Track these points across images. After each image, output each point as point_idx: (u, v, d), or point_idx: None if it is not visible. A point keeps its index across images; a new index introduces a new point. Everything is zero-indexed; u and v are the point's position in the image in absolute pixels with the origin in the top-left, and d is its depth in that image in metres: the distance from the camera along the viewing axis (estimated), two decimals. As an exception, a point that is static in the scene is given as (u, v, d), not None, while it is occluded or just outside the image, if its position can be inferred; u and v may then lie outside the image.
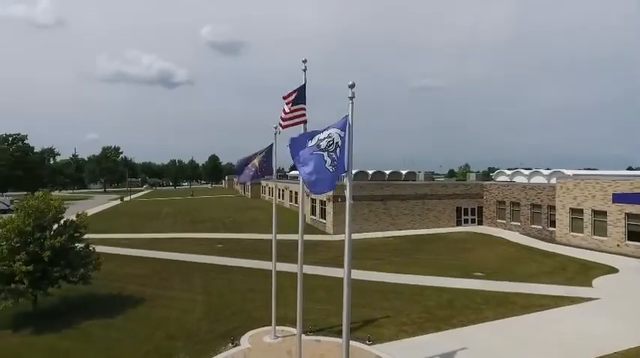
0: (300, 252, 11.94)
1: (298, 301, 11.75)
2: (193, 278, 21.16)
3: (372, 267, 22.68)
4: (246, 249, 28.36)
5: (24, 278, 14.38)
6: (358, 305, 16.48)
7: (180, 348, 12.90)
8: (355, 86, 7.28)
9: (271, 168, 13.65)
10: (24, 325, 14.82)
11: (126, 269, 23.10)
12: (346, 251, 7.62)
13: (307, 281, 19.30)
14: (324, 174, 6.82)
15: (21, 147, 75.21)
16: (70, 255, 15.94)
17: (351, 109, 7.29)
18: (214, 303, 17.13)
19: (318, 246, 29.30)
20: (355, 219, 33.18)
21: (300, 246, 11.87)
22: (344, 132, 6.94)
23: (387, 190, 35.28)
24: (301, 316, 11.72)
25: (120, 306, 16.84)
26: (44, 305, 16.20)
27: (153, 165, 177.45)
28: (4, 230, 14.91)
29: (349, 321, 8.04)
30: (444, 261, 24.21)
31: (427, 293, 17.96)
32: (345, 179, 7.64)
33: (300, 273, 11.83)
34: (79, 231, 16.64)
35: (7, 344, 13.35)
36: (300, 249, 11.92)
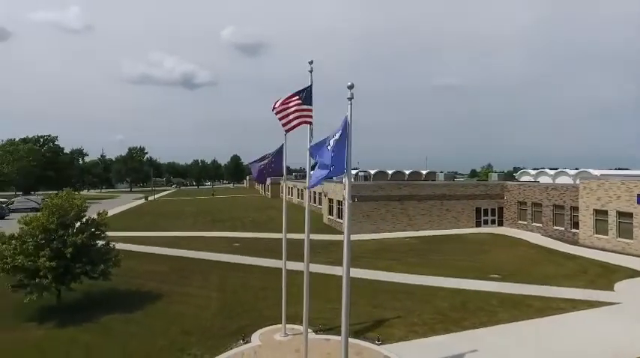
0: (306, 251, 12.14)
1: (305, 300, 11.91)
2: (210, 275, 21.62)
3: (386, 267, 22.64)
4: (262, 247, 28.72)
5: (48, 273, 15.06)
6: (369, 304, 16.58)
7: (193, 343, 13.26)
8: (354, 87, 7.38)
9: (280, 168, 13.88)
10: (48, 318, 15.51)
11: (146, 266, 23.79)
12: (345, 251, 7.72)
13: (321, 281, 19.61)
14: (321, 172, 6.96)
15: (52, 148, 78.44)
16: (91, 252, 16.59)
17: (350, 110, 7.39)
18: (228, 300, 17.49)
19: (333, 245, 29.37)
20: (372, 219, 33.19)
21: (307, 244, 12.06)
22: (343, 134, 7.05)
23: (404, 190, 35.06)
24: (307, 315, 11.90)
25: (139, 302, 17.39)
26: (68, 300, 16.90)
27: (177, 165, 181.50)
28: (30, 227, 15.67)
29: (348, 320, 8.16)
30: (461, 262, 23.91)
31: (441, 294, 17.82)
32: (344, 178, 7.74)
33: (306, 272, 12.04)
34: (99, 229, 17.28)
35: (31, 336, 14.02)
36: (306, 248, 12.12)
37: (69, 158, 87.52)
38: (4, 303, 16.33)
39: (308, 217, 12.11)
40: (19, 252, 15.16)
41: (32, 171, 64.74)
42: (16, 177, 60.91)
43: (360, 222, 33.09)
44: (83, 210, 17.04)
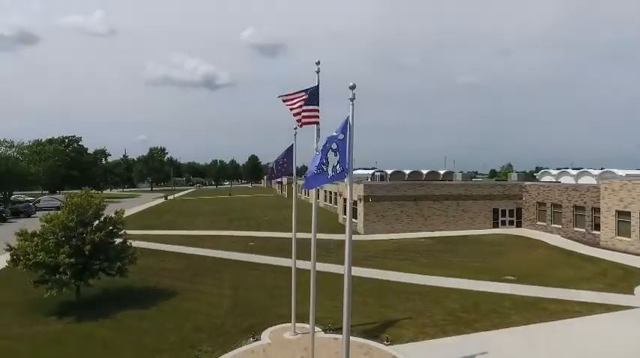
0: (313, 250, 12.22)
1: (311, 299, 12.00)
2: (224, 274, 21.95)
3: (399, 267, 22.53)
4: (276, 247, 28.93)
5: (67, 269, 15.59)
6: (380, 305, 16.56)
7: (204, 340, 13.51)
8: (356, 87, 7.42)
9: (290, 168, 14.02)
10: (68, 313, 16.05)
11: (163, 264, 24.32)
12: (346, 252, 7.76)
13: (331, 281, 19.67)
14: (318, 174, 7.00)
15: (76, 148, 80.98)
16: (109, 250, 17.09)
17: (351, 111, 7.43)
18: (241, 299, 17.73)
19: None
20: (387, 219, 33.04)
21: (313, 244, 12.16)
22: (343, 135, 7.09)
23: (419, 190, 34.75)
24: (314, 314, 11.99)
25: (154, 299, 17.82)
26: (86, 296, 17.45)
27: (197, 165, 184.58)
28: (50, 225, 16.25)
29: (349, 319, 8.18)
30: (475, 263, 23.58)
31: (453, 295, 17.64)
32: (346, 179, 7.80)
33: (313, 270, 12.13)
34: (117, 227, 17.78)
35: (51, 330, 14.54)
36: (313, 247, 12.20)
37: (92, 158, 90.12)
38: (26, 298, 16.96)
39: (315, 215, 12.20)
40: (40, 248, 15.73)
41: (57, 171, 67.00)
42: (43, 177, 63.08)
43: (375, 222, 32.99)
44: (101, 209, 17.56)
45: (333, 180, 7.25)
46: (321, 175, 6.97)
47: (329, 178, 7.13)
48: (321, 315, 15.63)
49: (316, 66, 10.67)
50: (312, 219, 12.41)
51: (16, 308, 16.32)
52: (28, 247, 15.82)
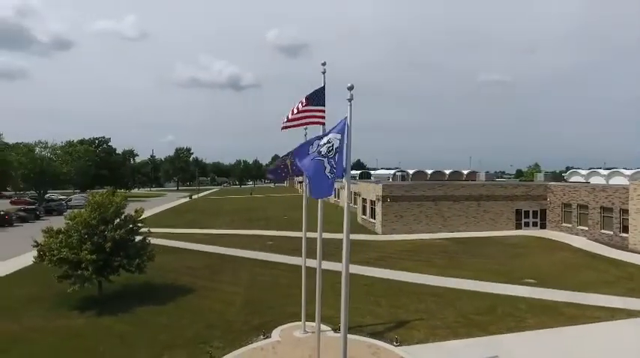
0: (318, 248, 12.30)
1: (317, 299, 12.10)
2: (241, 272, 22.32)
3: (414, 268, 22.33)
4: (294, 246, 29.08)
5: (89, 265, 16.24)
6: (392, 305, 16.48)
7: (216, 336, 13.81)
8: (354, 88, 7.46)
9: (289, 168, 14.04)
10: (89, 308, 16.71)
11: (182, 261, 24.93)
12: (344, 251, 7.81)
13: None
14: (324, 181, 7.08)
15: (105, 148, 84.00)
16: (129, 247, 17.68)
17: (349, 111, 7.47)
18: (255, 297, 18.00)
19: (364, 245, 29.35)
20: (405, 220, 32.75)
21: (319, 243, 12.23)
22: (341, 135, 7.15)
23: (439, 190, 34.27)
24: (320, 313, 12.10)
25: (172, 295, 18.31)
26: (107, 291, 18.10)
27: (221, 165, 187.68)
28: (74, 223, 16.97)
29: (347, 318, 8.20)
30: (494, 265, 23.10)
31: (468, 297, 17.37)
32: (343, 180, 7.82)
33: (318, 269, 12.18)
34: (136, 225, 18.37)
35: (73, 323, 15.18)
36: (319, 247, 12.28)
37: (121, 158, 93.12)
38: (51, 293, 17.75)
39: (321, 214, 12.26)
40: (64, 245, 16.45)
41: (88, 171, 69.70)
42: (74, 176, 65.68)
43: (393, 222, 32.76)
44: (122, 208, 18.17)
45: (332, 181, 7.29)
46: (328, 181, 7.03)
47: (330, 181, 7.18)
48: (332, 315, 15.70)
49: (322, 67, 10.76)
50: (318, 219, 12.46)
51: (42, 303, 17.10)
52: (52, 243, 16.57)
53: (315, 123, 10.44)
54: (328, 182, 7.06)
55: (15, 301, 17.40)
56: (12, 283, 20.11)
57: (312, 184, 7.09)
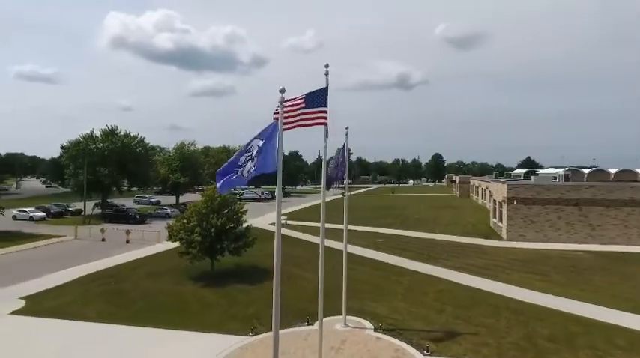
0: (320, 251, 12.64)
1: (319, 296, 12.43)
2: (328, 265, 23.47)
3: (519, 281, 19.65)
4: (400, 245, 28.85)
5: (197, 245, 20.14)
6: (455, 315, 15.35)
7: (267, 316, 15.41)
8: (285, 91, 7.90)
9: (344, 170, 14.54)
10: (200, 280, 20.62)
11: (291, 251, 27.56)
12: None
13: (423, 283, 19.03)
14: (228, 178, 7.78)
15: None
16: (229, 233, 21.06)
17: (280, 113, 7.96)
18: (328, 288, 18.95)
19: (478, 251, 26.93)
20: (538, 226, 28.52)
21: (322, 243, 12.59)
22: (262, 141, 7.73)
23: (585, 193, 28.34)
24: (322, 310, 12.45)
25: (263, 278, 20.91)
26: (221, 269, 21.77)
27: (384, 164, 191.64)
28: (190, 211, 21.21)
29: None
30: (631, 289, 18.28)
31: (554, 320, 14.68)
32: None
33: (321, 267, 12.50)
34: (237, 216, 21.67)
35: (182, 289, 19.09)
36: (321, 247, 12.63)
37: (289, 158, 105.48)
38: (180, 267, 22.37)
39: (323, 216, 12.55)
40: (182, 228, 20.80)
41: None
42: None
43: (521, 228, 28.76)
44: (226, 200, 21.72)
45: (247, 181, 7.85)
46: (237, 179, 7.76)
47: (244, 179, 7.83)
48: (386, 314, 15.70)
49: (325, 68, 11.14)
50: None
51: (171, 273, 21.86)
52: (175, 227, 21.13)
53: (318, 124, 10.85)
54: (238, 178, 7.65)
55: (161, 270, 22.60)
56: (166, 257, 26.03)
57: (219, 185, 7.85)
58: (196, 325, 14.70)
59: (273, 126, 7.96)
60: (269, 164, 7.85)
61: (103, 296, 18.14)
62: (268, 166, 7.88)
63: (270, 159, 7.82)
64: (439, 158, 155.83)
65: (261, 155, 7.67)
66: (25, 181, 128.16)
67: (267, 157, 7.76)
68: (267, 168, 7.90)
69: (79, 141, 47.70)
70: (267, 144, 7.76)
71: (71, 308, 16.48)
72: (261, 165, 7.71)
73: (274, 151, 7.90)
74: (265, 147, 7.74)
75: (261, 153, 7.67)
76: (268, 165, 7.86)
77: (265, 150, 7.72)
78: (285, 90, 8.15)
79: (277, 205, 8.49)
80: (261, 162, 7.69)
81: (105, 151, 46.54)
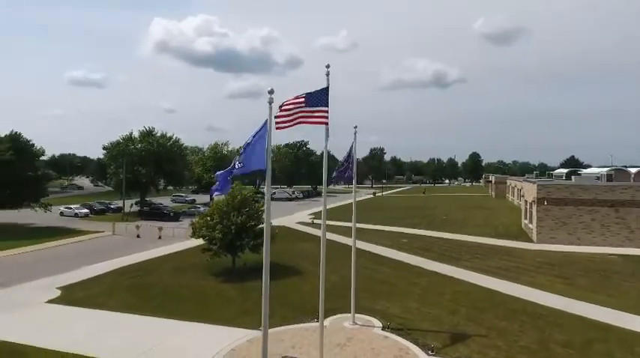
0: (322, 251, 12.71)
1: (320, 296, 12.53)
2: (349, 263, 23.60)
3: (541, 284, 19.06)
4: (424, 246, 28.45)
5: (218, 242, 20.86)
6: (468, 317, 15.18)
7: (281, 312, 15.82)
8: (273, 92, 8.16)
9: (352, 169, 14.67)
10: (221, 275, 21.33)
11: (313, 249, 27.89)
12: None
13: (442, 285, 18.81)
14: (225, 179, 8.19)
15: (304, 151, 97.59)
16: (249, 231, 21.63)
17: (269, 113, 8.23)
18: (341, 286, 19.19)
19: (504, 252, 26.15)
20: (570, 228, 27.38)
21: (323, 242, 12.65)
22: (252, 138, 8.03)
23: (622, 193, 26.71)
24: (323, 308, 12.49)
25: (282, 275, 21.35)
26: (240, 265, 22.45)
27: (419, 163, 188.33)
28: (212, 209, 21.97)
29: (267, 317, 8.88)
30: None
31: (572, 325, 14.10)
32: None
33: (322, 267, 12.59)
34: (257, 214, 22.22)
35: (204, 284, 19.83)
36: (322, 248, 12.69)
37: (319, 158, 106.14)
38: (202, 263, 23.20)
39: (324, 213, 12.67)
40: (205, 225, 21.60)
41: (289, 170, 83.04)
42: (279, 174, 79.34)
43: (552, 229, 27.53)
44: (246, 199, 22.33)
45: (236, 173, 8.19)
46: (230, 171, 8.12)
47: (232, 172, 8.16)
48: (397, 314, 15.67)
49: (326, 69, 11.31)
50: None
51: (194, 268, 22.73)
52: (198, 224, 21.98)
53: (318, 123, 11.04)
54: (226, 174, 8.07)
55: (186, 265, 23.62)
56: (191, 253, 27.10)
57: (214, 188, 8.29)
58: (211, 318, 15.30)
59: (263, 125, 8.25)
60: (259, 162, 8.15)
61: (129, 288, 19.20)
62: (258, 164, 8.18)
63: (259, 157, 8.11)
64: (476, 157, 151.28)
65: (248, 152, 7.99)
66: (75, 180, 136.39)
67: (256, 155, 8.06)
68: (256, 165, 8.20)
69: (118, 142, 50.38)
70: (256, 143, 8.06)
71: (99, 299, 17.58)
72: (249, 162, 8.02)
73: (263, 150, 8.18)
74: (254, 145, 8.04)
75: (250, 151, 7.98)
76: (258, 163, 8.16)
77: (254, 149, 8.03)
78: (273, 91, 8.40)
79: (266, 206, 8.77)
80: (249, 160, 8.01)
81: (142, 152, 48.87)
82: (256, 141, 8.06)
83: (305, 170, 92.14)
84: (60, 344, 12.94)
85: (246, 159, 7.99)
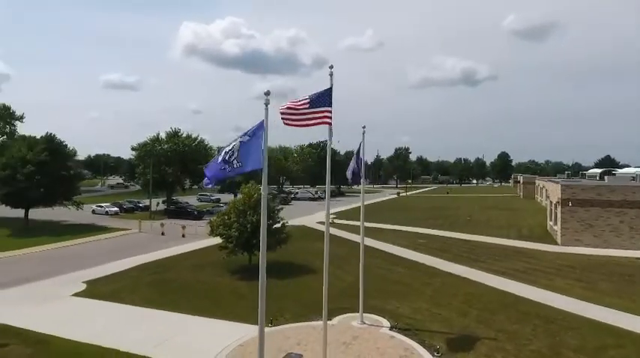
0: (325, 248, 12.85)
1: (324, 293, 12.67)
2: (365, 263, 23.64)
3: (559, 287, 18.50)
4: (441, 247, 28.11)
5: (234, 240, 21.38)
6: (478, 319, 14.98)
7: (294, 310, 16.14)
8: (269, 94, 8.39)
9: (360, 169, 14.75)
10: (238, 273, 21.84)
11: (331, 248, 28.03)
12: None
13: (455, 286, 18.66)
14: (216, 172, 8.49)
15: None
16: (264, 230, 22.05)
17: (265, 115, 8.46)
18: (355, 286, 19.20)
19: (525, 254, 25.47)
20: (596, 230, 26.50)
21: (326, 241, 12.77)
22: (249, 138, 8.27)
23: (653, 195, 25.45)
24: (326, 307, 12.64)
25: (298, 274, 21.68)
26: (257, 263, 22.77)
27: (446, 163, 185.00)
28: (229, 208, 22.53)
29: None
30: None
31: (586, 330, 13.75)
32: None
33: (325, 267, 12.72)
34: (273, 213, 22.61)
35: (219, 281, 20.37)
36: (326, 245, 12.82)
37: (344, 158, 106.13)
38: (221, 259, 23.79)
39: (327, 213, 12.77)
40: (222, 224, 22.17)
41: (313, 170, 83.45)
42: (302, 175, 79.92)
43: (577, 232, 26.58)
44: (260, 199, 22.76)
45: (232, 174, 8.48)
46: (222, 171, 8.38)
47: (226, 172, 8.41)
48: (407, 314, 15.67)
49: (330, 69, 11.46)
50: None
51: (212, 266, 23.33)
52: (215, 222, 22.58)
53: (322, 123, 11.20)
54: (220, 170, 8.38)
55: (205, 262, 24.28)
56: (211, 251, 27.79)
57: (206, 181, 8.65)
58: (224, 314, 15.75)
59: (259, 125, 8.50)
60: (255, 161, 8.40)
61: (150, 284, 19.96)
62: (254, 164, 8.43)
63: (256, 157, 8.36)
64: (505, 157, 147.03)
65: (245, 152, 8.25)
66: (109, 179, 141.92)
67: (252, 155, 8.31)
68: (252, 165, 8.45)
69: (146, 143, 52.18)
70: (252, 143, 8.32)
71: (121, 293, 18.38)
72: (245, 162, 8.28)
73: (259, 150, 8.42)
74: (250, 145, 8.30)
75: (245, 150, 8.24)
76: (254, 163, 8.41)
77: (250, 148, 8.28)
78: (270, 92, 8.65)
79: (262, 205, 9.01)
80: (246, 160, 8.27)
81: (168, 152, 50.42)
82: (253, 141, 8.31)
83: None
84: (81, 335, 13.67)
85: (244, 158, 8.26)
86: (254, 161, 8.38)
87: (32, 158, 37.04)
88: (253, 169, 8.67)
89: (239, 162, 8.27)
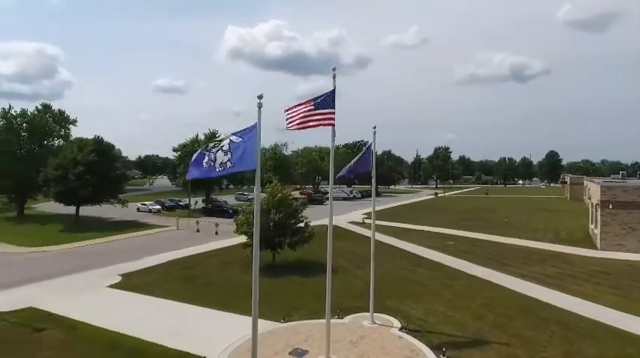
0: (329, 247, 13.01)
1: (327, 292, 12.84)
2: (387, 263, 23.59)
3: (588, 294, 17.73)
4: (469, 250, 27.43)
5: (256, 238, 22.09)
6: (495, 324, 14.76)
7: (309, 308, 16.46)
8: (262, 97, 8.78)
9: (369, 169, 14.87)
10: (261, 270, 22.05)
11: (355, 248, 28.23)
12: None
13: (476, 289, 18.41)
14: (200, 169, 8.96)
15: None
16: (286, 228, 22.62)
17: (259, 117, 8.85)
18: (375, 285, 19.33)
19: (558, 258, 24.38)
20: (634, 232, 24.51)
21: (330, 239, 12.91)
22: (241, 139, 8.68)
23: None
24: (329, 307, 12.82)
25: (318, 272, 21.83)
26: (284, 262, 23.40)
27: (489, 163, 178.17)
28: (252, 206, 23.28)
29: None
30: None
31: (608, 339, 13.26)
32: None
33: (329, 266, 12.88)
34: (295, 213, 23.15)
35: (243, 277, 20.90)
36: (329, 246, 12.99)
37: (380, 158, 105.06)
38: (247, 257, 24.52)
39: (330, 213, 12.94)
40: (246, 222, 22.97)
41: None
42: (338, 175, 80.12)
43: (618, 236, 24.98)
44: (284, 198, 23.32)
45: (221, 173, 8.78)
46: (210, 169, 8.82)
47: (216, 172, 8.80)
48: (420, 316, 15.62)
49: (332, 71, 11.70)
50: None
51: (238, 263, 24.14)
52: (240, 220, 23.43)
53: (325, 124, 11.46)
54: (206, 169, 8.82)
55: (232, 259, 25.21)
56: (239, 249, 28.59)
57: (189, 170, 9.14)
58: (242, 309, 16.32)
59: (254, 126, 8.90)
60: (249, 162, 8.81)
61: (179, 278, 21.08)
62: (248, 164, 8.85)
63: (250, 157, 8.77)
64: (554, 156, 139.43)
65: (239, 153, 8.67)
66: (158, 179, 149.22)
67: (247, 155, 8.73)
68: (246, 165, 8.88)
69: (186, 144, 54.65)
70: (247, 143, 8.73)
71: (151, 286, 19.59)
72: (239, 162, 8.71)
73: (254, 151, 8.82)
74: (245, 145, 8.71)
75: (239, 150, 8.67)
76: (248, 164, 8.83)
77: (244, 149, 8.70)
78: (262, 96, 9.03)
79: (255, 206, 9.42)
80: (240, 160, 8.69)
81: (206, 153, 52.55)
82: (247, 142, 8.73)
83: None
84: (109, 323, 14.80)
85: (238, 160, 8.70)
86: (247, 162, 8.79)
87: (82, 159, 39.96)
88: (246, 170, 9.11)
89: (232, 162, 8.72)
